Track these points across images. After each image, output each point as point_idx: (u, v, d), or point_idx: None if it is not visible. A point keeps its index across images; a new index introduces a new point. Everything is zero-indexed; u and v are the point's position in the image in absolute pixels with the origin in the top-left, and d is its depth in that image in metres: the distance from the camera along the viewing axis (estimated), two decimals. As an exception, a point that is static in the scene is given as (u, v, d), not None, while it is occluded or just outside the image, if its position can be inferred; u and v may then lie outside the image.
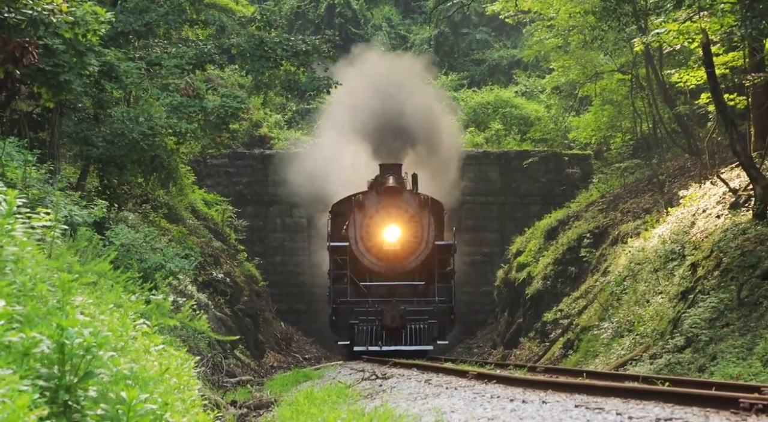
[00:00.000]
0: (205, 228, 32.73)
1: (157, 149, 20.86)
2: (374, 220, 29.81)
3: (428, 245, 29.85)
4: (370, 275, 29.94)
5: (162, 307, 12.54)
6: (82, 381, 5.72)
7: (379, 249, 29.73)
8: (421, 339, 28.48)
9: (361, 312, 28.56)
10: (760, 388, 11.22)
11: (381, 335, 28.31)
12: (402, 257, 29.83)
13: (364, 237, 29.76)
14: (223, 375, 22.66)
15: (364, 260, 29.70)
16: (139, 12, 21.45)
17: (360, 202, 30.00)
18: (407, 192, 30.23)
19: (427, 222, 29.98)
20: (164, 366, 7.95)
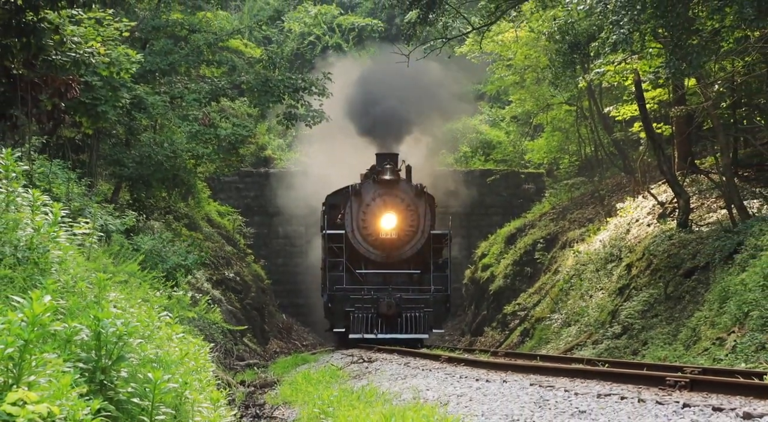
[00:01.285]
0: (218, 235, 32.69)
1: (178, 169, 20.88)
2: (371, 209, 26.07)
3: (424, 234, 26.20)
4: (366, 263, 26.27)
5: (182, 302, 12.53)
6: (115, 364, 5.74)
7: (375, 237, 26.02)
8: (417, 328, 24.93)
9: (356, 300, 24.96)
10: (683, 368, 11.27)
11: (377, 323, 24.70)
12: (398, 245, 26.19)
13: (361, 226, 26.08)
14: (233, 359, 22.62)
15: (361, 248, 26.05)
16: (164, 54, 21.45)
17: (357, 190, 26.16)
18: (403, 181, 26.48)
19: (423, 212, 26.26)
20: (184, 352, 7.96)
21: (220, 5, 25.74)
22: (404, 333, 24.59)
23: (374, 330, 24.32)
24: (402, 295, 24.90)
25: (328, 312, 25.42)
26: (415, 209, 26.09)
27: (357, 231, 25.90)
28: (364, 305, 24.64)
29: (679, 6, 17.21)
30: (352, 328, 24.58)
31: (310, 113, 23.11)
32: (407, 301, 24.97)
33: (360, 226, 25.99)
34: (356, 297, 24.82)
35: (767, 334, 13.94)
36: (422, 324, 24.84)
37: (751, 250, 16.62)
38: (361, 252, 25.90)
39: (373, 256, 25.95)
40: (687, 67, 17.36)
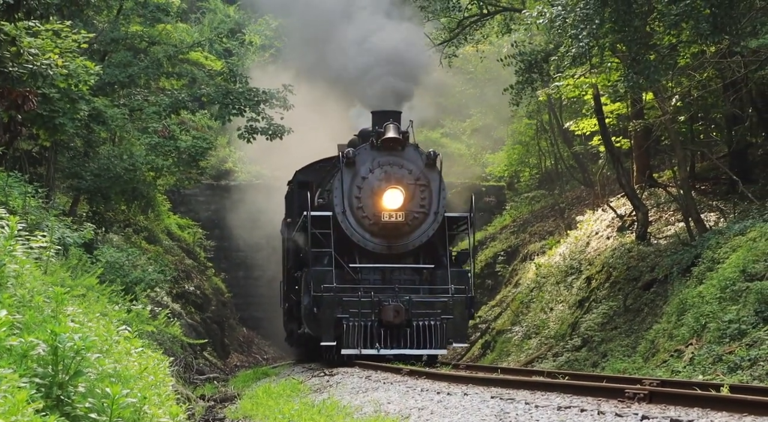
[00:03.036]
0: (178, 248, 32.51)
1: (138, 182, 20.78)
2: (369, 183, 19.33)
3: (438, 217, 19.57)
4: (361, 255, 19.63)
5: (141, 316, 12.44)
6: (73, 379, 5.68)
7: (374, 221, 19.30)
8: (432, 341, 18.55)
9: (351, 304, 18.57)
10: (642, 380, 11.36)
11: (378, 334, 18.58)
12: (405, 232, 19.45)
13: (355, 205, 19.35)
14: (193, 373, 22.47)
15: (354, 235, 19.39)
16: (123, 66, 21.35)
17: (349, 158, 19.31)
18: (411, 146, 19.73)
19: (437, 187, 19.52)
20: (143, 366, 7.90)
21: (180, 18, 25.66)
22: (415, 348, 18.53)
23: (375, 344, 18.37)
24: (412, 298, 18.64)
25: (312, 319, 18.96)
26: (426, 184, 19.42)
27: (349, 213, 19.29)
28: (362, 311, 18.39)
29: (636, 21, 17.43)
30: (345, 341, 18.44)
31: (271, 127, 23.06)
32: (419, 305, 18.70)
33: (353, 206, 19.31)
34: (351, 299, 18.54)
35: (724, 346, 14.10)
36: (439, 335, 18.54)
37: (708, 263, 16.82)
38: (354, 240, 19.31)
39: (371, 246, 19.40)
40: (645, 81, 17.57)
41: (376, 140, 19.53)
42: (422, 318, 18.62)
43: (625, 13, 16.93)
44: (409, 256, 19.78)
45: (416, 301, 18.76)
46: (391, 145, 19.46)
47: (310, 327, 19.42)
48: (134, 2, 22.37)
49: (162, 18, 23.16)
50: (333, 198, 19.51)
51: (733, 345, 13.94)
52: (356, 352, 18.56)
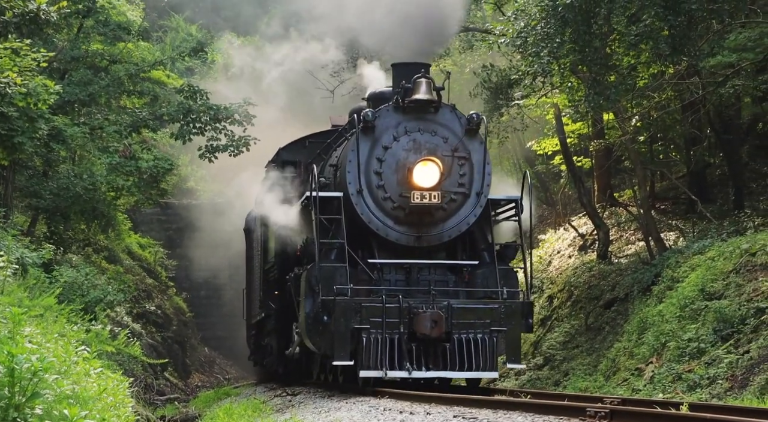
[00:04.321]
0: (139, 268, 32.29)
1: (98, 201, 20.66)
2: (393, 154, 14.84)
3: (480, 200, 15.08)
4: (381, 248, 15.08)
5: (101, 336, 12.34)
6: (30, 401, 5.62)
7: (399, 203, 14.76)
8: (480, 360, 14.13)
9: (372, 311, 14.09)
10: (603, 398, 11.42)
11: (409, 351, 14.11)
12: (439, 218, 14.91)
13: (374, 183, 14.85)
14: (154, 394, 22.29)
15: (373, 222, 14.84)
16: (84, 84, 21.23)
17: (368, 122, 14.83)
18: (447, 107, 15.21)
19: (480, 160, 15.09)
20: (102, 387, 7.83)
21: (142, 36, 25.56)
22: (458, 370, 14.17)
23: (405, 364, 13.99)
24: (451, 303, 14.22)
25: (315, 331, 14.52)
26: (466, 155, 14.93)
27: (367, 193, 14.89)
28: (387, 320, 14.03)
29: (596, 42, 17.64)
30: (363, 360, 13.98)
31: (233, 142, 22.98)
32: (461, 314, 14.23)
33: (372, 184, 14.86)
34: (372, 305, 14.11)
35: (683, 365, 14.24)
36: (488, 353, 14.19)
37: (667, 282, 17.00)
38: (372, 228, 14.85)
39: (395, 236, 14.88)
40: (605, 101, 17.78)
41: (402, 99, 14.89)
42: (465, 331, 14.18)
43: (585, 34, 17.13)
44: (441, 250, 15.18)
45: (458, 308, 14.18)
46: (423, 105, 14.88)
47: (313, 340, 14.63)
48: (95, 21, 22.27)
49: (123, 36, 23.08)
50: (344, 174, 14.79)
51: (692, 364, 14.09)
52: (380, 375, 13.90)
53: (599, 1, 16.72)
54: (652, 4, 16.20)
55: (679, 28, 16.30)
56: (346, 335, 14.06)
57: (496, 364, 14.45)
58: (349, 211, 14.81)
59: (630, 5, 16.93)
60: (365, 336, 13.97)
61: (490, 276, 14.93)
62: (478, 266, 15.11)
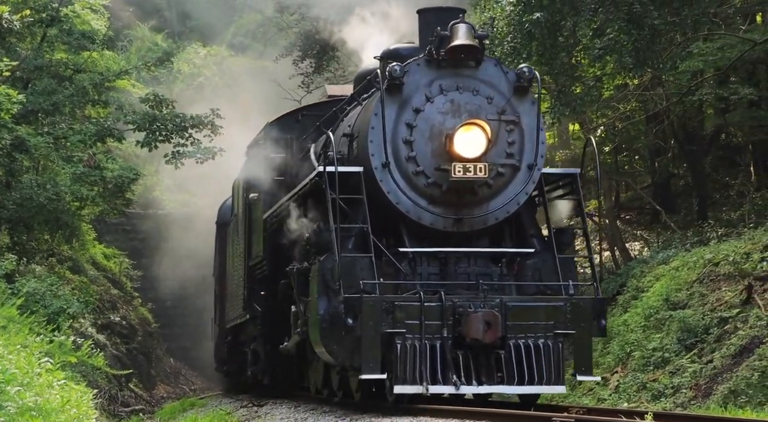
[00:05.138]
0: (104, 278, 32.05)
1: (62, 211, 20.48)
2: (427, 117, 12.12)
3: (533, 174, 12.38)
4: (412, 234, 12.29)
5: (64, 346, 12.22)
6: (-9, 414, 5.56)
7: (435, 179, 12.05)
8: (544, 372, 11.55)
9: (409, 311, 11.33)
10: (569, 408, 11.48)
11: (455, 360, 11.35)
12: (484, 196, 12.21)
13: (403, 154, 12.12)
14: (118, 406, 22.12)
15: (402, 202, 12.14)
16: (48, 93, 21.04)
17: (394, 78, 12.06)
18: (491, 61, 12.65)
19: (533, 126, 12.35)
20: (65, 399, 7.76)
21: (107, 45, 25.40)
22: (516, 384, 11.48)
23: (452, 377, 11.23)
24: (504, 301, 11.57)
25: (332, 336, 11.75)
26: (516, 120, 12.25)
27: (394, 167, 12.08)
28: (426, 322, 11.27)
29: (562, 55, 17.81)
30: (398, 373, 11.21)
31: (200, 150, 22.91)
32: (519, 313, 11.61)
33: (401, 156, 12.08)
34: (409, 305, 11.36)
35: (648, 374, 14.35)
36: (552, 362, 11.56)
37: (632, 292, 17.14)
38: (401, 210, 12.11)
39: (429, 219, 12.13)
40: (571, 112, 17.94)
41: (436, 51, 12.17)
42: (523, 335, 11.49)
43: (552, 47, 17.28)
44: (482, 237, 12.36)
45: (514, 307, 11.50)
46: (462, 56, 12.14)
47: (329, 349, 11.81)
48: (59, 29, 22.10)
49: (87, 45, 22.90)
50: (365, 144, 12.10)
51: (656, 373, 14.21)
52: (419, 391, 11.22)
53: (565, 14, 16.88)
54: (616, 18, 16.41)
55: (643, 41, 16.49)
56: (375, 341, 11.16)
57: (562, 376, 11.65)
58: (371, 189, 11.93)
59: (594, 19, 17.13)
60: (399, 343, 11.17)
61: (543, 267, 12.14)
62: (528, 255, 12.29)
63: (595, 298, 12.01)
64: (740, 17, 21.28)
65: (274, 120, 16.56)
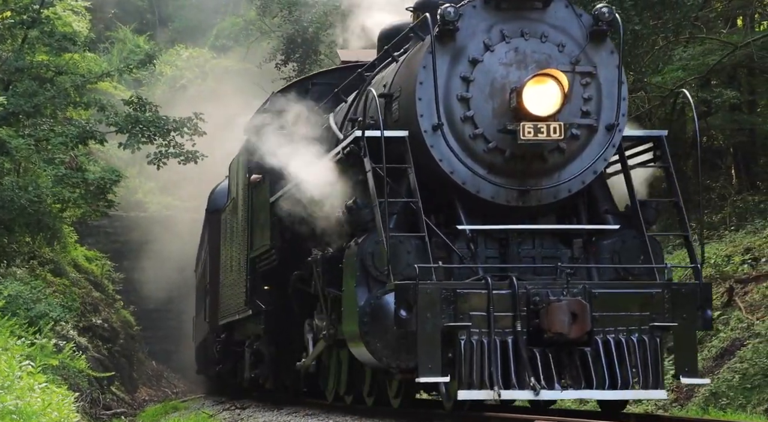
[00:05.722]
0: (86, 281, 31.92)
1: (43, 214, 20.40)
2: (486, 70, 9.93)
3: (613, 137, 10.26)
4: (468, 209, 10.12)
5: (45, 349, 12.17)
6: (-29, 417, 5.52)
7: (497, 142, 9.90)
8: (644, 375, 9.36)
9: (473, 301, 9.19)
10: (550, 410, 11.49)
11: (532, 360, 9.18)
12: (555, 164, 10.08)
13: (457, 114, 9.92)
14: (100, 409, 22.02)
15: (457, 171, 9.98)
16: (29, 95, 20.97)
17: (447, 23, 9.82)
18: (560, 2, 10.27)
19: (612, 78, 10.19)
20: (47, 402, 7.73)
21: (88, 47, 25.31)
22: (608, 387, 9.35)
23: (529, 380, 9.15)
24: (589, 288, 9.50)
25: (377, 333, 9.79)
26: (592, 72, 10.23)
27: (447, 129, 10.01)
28: (496, 314, 9.26)
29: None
30: (461, 375, 9.17)
31: (183, 153, 22.86)
32: (608, 302, 9.55)
33: (455, 116, 10.02)
34: (473, 292, 9.33)
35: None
36: (650, 362, 9.47)
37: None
38: (455, 180, 10.08)
39: (490, 191, 10.12)
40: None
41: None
42: (613, 328, 9.43)
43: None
44: (548, 213, 10.41)
45: (601, 295, 9.44)
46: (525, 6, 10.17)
47: (371, 348, 9.79)
48: (40, 31, 22.02)
49: (69, 47, 22.83)
50: (411, 103, 10.06)
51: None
52: (488, 397, 9.31)
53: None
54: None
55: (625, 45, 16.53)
56: (434, 337, 9.10)
57: (661, 379, 9.55)
58: (418, 157, 9.91)
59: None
60: (463, 339, 9.13)
61: (623, 249, 10.22)
62: (603, 235, 10.30)
63: (699, 284, 9.87)
64: (721, 21, 21.39)
65: (280, 90, 14.94)
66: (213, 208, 21.45)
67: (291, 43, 31.14)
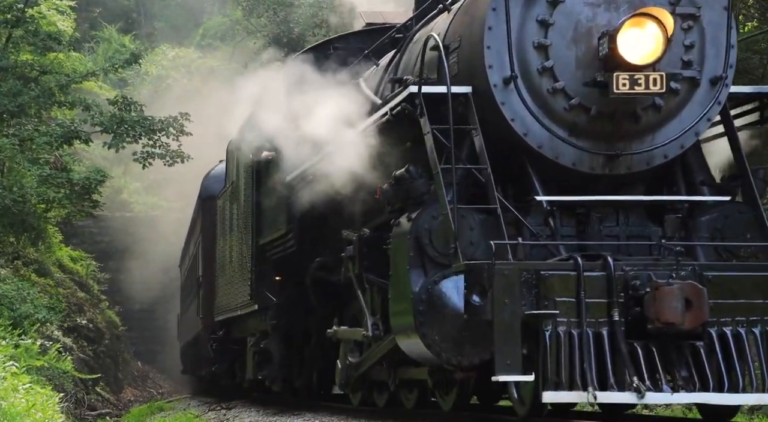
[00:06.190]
0: (71, 281, 31.82)
1: (27, 214, 20.34)
2: (568, 12, 8.16)
3: (719, 91, 8.37)
4: (543, 178, 8.30)
5: (30, 351, 12.13)
6: (-46, 418, 5.50)
7: (582, 97, 8.11)
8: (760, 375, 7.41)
9: (559, 285, 7.40)
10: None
11: (633, 355, 7.34)
12: (648, 124, 8.28)
13: (534, 64, 8.17)
14: (85, 409, 21.95)
15: (533, 134, 8.21)
16: (13, 95, 20.92)
17: None
18: None
19: (717, 22, 8.33)
20: (31, 403, 7.70)
21: (73, 47, 25.24)
22: (731, 391, 7.46)
23: (632, 380, 7.27)
24: (700, 270, 7.63)
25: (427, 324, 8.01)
26: (695, 14, 8.34)
27: (521, 83, 8.21)
28: (588, 300, 7.43)
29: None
30: (547, 372, 7.33)
31: (168, 153, 22.81)
32: (724, 288, 7.63)
33: (531, 68, 8.23)
34: (559, 274, 7.50)
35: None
36: None
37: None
38: (530, 143, 8.29)
39: (571, 157, 8.32)
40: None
41: None
42: (730, 318, 7.77)
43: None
44: (637, 183, 8.74)
45: (718, 278, 7.74)
46: None
47: (428, 341, 8.10)
48: (24, 30, 21.96)
49: (54, 47, 22.78)
50: (475, 53, 8.49)
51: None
52: (583, 399, 7.51)
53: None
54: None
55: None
56: (514, 328, 7.44)
57: None
58: (484, 117, 8.34)
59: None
60: (548, 330, 7.48)
61: (725, 226, 8.57)
62: (700, 210, 8.63)
63: None
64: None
65: (298, 54, 13.43)
66: (206, 194, 19.92)
67: (277, 43, 31.15)
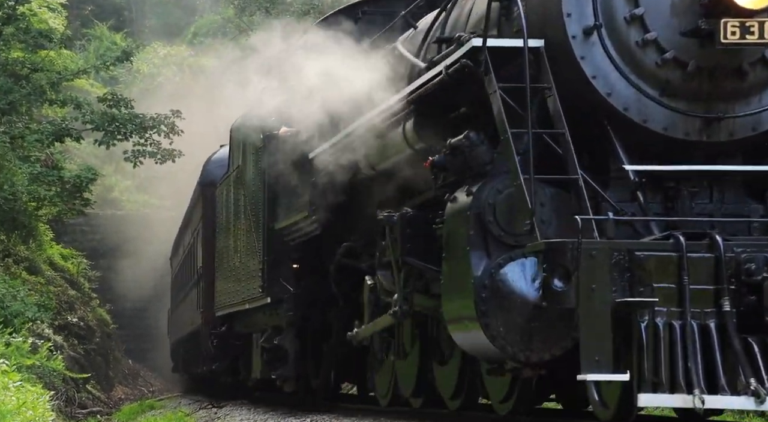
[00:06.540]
0: (62, 279, 31.78)
1: (18, 212, 20.31)
2: None
3: None
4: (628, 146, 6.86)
5: (21, 349, 12.12)
6: (-55, 416, 5.49)
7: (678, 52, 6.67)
8: None
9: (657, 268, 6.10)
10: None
11: (748, 352, 6.01)
12: (754, 83, 6.82)
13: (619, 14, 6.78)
14: (75, 407, 21.93)
15: (617, 93, 6.80)
16: (4, 92, 20.89)
17: None
18: None
19: None
20: (21, 401, 7.70)
21: (65, 44, 25.18)
22: None
23: (747, 381, 5.99)
24: None
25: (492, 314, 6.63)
26: None
27: (606, 34, 6.83)
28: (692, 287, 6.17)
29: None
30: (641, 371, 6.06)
31: (159, 151, 22.79)
32: None
33: (618, 15, 6.84)
34: (657, 255, 6.20)
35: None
36: None
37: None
38: (614, 105, 6.88)
39: (662, 120, 6.90)
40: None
41: None
42: None
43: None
44: (735, 154, 7.37)
45: None
46: None
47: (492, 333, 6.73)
48: (15, 28, 21.91)
49: (45, 44, 22.74)
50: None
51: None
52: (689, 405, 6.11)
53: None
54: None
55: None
56: (603, 318, 6.25)
57: None
58: (562, 72, 7.01)
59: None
60: (644, 322, 6.28)
61: None
62: None
63: None
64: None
65: (322, 19, 12.24)
66: (207, 180, 18.65)
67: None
